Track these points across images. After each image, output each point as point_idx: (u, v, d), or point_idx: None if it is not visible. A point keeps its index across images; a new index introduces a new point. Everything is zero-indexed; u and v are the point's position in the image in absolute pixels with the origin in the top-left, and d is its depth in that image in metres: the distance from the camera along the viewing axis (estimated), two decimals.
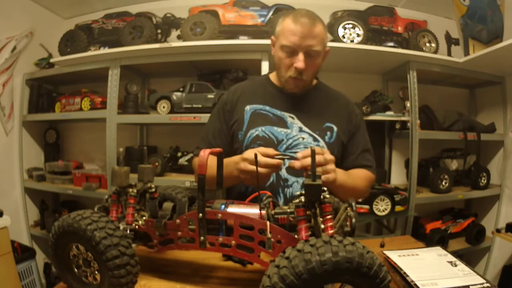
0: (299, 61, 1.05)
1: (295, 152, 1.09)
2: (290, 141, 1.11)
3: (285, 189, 1.09)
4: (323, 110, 1.18)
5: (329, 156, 0.92)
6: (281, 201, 1.08)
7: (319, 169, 0.86)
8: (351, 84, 2.45)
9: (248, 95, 1.20)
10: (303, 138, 1.11)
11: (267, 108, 1.16)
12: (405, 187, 2.22)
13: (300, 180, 1.09)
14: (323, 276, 0.50)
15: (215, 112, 1.25)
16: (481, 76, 2.32)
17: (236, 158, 0.99)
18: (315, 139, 1.12)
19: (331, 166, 0.93)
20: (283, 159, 0.93)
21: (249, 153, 0.94)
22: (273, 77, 1.25)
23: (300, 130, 1.12)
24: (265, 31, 2.10)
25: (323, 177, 0.85)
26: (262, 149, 0.92)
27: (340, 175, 0.99)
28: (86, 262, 0.69)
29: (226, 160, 1.00)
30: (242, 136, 1.14)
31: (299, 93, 1.16)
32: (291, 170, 1.08)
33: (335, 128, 1.15)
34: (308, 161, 0.85)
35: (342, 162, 1.18)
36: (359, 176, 1.14)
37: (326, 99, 1.21)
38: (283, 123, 1.13)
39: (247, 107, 1.17)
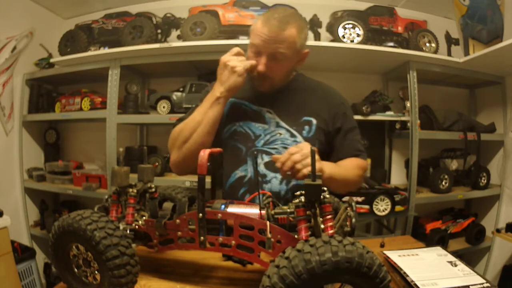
0: (260, 64, 1.04)
1: (273, 148, 1.09)
2: (268, 136, 1.10)
3: (264, 184, 1.07)
4: (302, 103, 1.16)
5: (306, 150, 0.89)
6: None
7: (298, 166, 0.86)
8: (351, 84, 2.45)
9: None
10: (280, 134, 1.10)
11: (246, 103, 1.16)
12: (405, 187, 2.22)
13: (279, 175, 1.07)
14: (323, 276, 0.50)
15: (202, 97, 1.24)
16: (481, 76, 2.32)
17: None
18: (292, 135, 1.10)
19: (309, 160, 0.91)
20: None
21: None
22: None
23: (277, 125, 1.11)
24: None
25: (304, 170, 0.85)
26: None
27: (329, 167, 0.97)
28: (86, 262, 0.69)
29: (205, 100, 1.08)
30: (221, 129, 1.13)
31: (273, 90, 1.15)
32: (269, 165, 1.07)
33: (314, 121, 1.12)
34: (287, 165, 0.87)
35: (330, 153, 1.16)
36: (350, 166, 1.11)
37: (305, 92, 1.19)
38: (261, 118, 1.13)
39: None
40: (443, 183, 2.21)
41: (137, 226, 0.77)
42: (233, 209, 0.72)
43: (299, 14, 1.12)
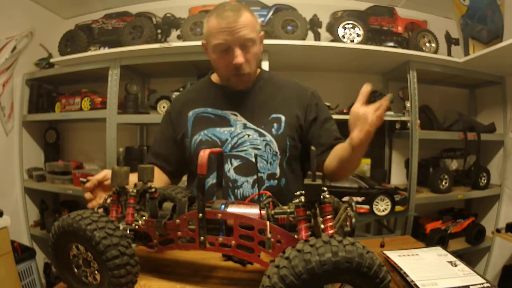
0: (237, 57, 1.01)
1: (242, 150, 1.06)
2: (235, 139, 1.08)
3: (235, 190, 1.05)
4: (268, 101, 1.12)
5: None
6: None
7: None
8: (351, 84, 2.44)
9: (191, 101, 1.18)
10: (249, 135, 1.08)
11: (209, 110, 1.13)
12: (405, 187, 2.22)
13: (250, 179, 1.05)
14: (323, 276, 0.50)
15: (162, 122, 1.24)
16: (481, 76, 2.33)
17: None
18: (261, 134, 1.08)
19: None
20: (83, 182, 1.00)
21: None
22: (214, 77, 1.22)
23: (245, 127, 1.08)
24: (265, 31, 2.10)
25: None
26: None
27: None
28: (86, 262, 0.69)
29: None
30: (189, 143, 1.12)
31: (245, 89, 1.13)
32: (239, 170, 1.05)
33: (282, 118, 1.09)
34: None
35: (303, 149, 1.14)
36: None
37: (271, 89, 1.16)
38: (226, 122, 1.10)
39: (190, 113, 1.15)
40: (443, 183, 2.21)
41: (137, 226, 0.77)
42: (233, 209, 0.72)
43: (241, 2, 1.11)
